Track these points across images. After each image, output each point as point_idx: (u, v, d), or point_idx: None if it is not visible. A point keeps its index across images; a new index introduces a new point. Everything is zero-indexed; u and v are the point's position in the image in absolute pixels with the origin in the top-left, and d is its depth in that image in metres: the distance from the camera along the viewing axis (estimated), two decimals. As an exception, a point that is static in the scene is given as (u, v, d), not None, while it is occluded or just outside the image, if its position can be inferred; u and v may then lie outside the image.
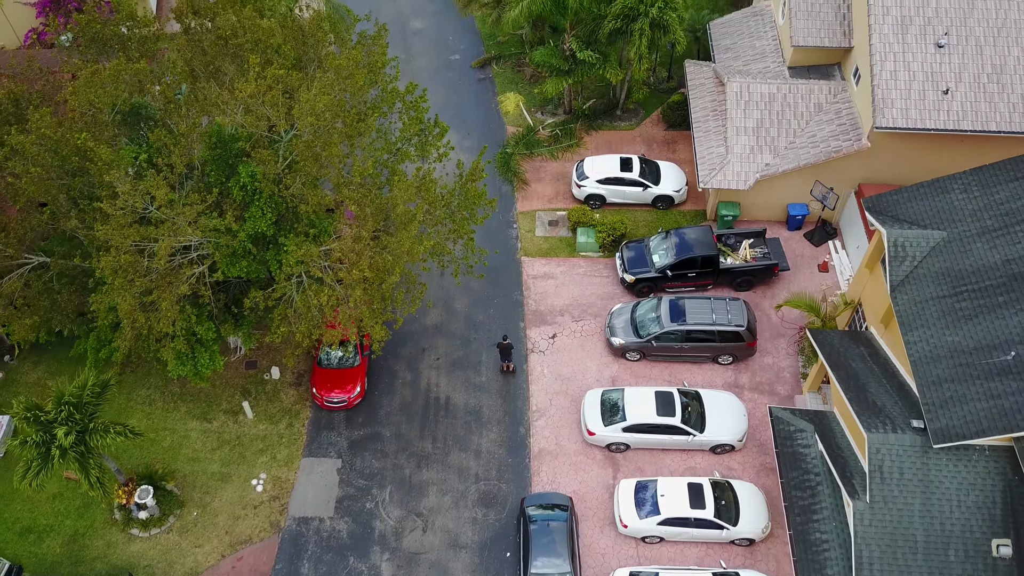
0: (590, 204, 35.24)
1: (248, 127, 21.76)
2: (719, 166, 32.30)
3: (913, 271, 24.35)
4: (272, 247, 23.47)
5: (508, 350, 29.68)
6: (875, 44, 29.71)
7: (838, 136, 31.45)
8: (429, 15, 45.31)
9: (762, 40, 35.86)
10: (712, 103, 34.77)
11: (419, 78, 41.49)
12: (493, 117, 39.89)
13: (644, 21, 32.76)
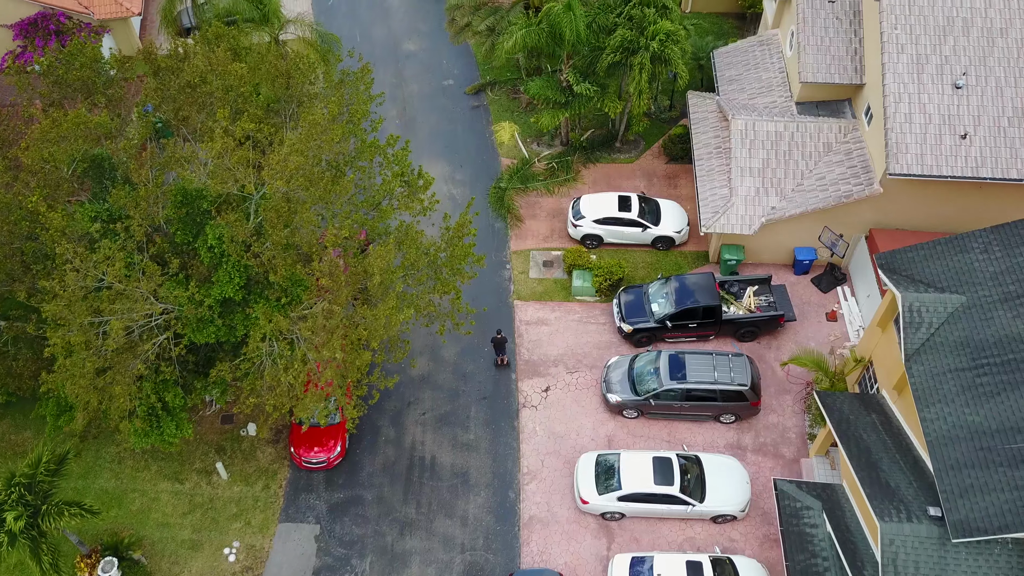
0: (587, 244, 33.61)
1: (214, 188, 20.15)
2: (722, 209, 30.62)
3: (930, 339, 22.69)
4: (241, 311, 21.90)
5: (502, 344, 29.50)
6: (889, 84, 28.01)
7: (848, 179, 29.75)
8: (423, 37, 43.65)
9: (768, 72, 34.15)
10: (715, 139, 33.08)
11: (411, 104, 40.06)
12: (487, 148, 38.24)
13: (644, 55, 31.08)
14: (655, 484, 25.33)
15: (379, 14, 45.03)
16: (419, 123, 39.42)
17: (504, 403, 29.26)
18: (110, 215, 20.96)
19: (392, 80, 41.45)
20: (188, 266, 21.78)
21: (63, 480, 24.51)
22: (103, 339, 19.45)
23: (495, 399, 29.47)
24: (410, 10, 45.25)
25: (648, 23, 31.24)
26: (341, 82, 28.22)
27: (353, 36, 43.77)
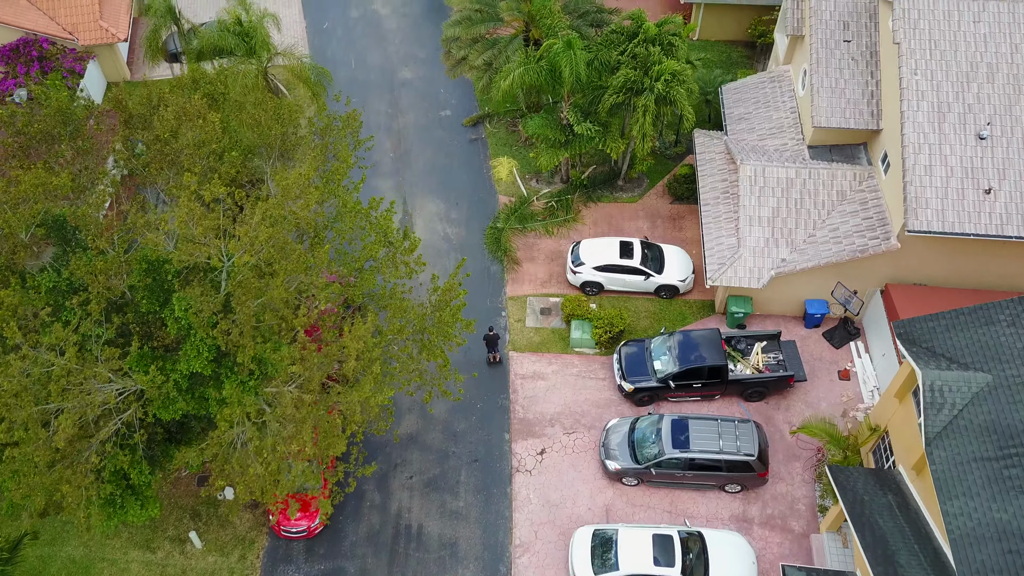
0: (586, 291, 32.01)
1: (177, 260, 18.59)
2: (729, 261, 28.98)
3: (953, 421, 21.01)
4: (212, 385, 20.35)
5: (494, 341, 29.36)
6: (908, 134, 26.35)
7: (863, 232, 28.09)
8: (420, 64, 42.09)
9: (779, 111, 32.50)
10: (723, 183, 31.44)
11: (406, 136, 38.51)
12: (484, 184, 36.66)
13: (649, 97, 29.48)
14: (655, 565, 23.71)
15: (375, 39, 43.53)
16: (414, 156, 37.87)
17: (497, 467, 27.68)
18: (69, 285, 19.45)
19: (387, 110, 39.92)
20: (154, 336, 20.26)
21: (28, 549, 23.08)
22: (53, 432, 17.94)
23: (487, 462, 27.89)
24: (407, 35, 43.74)
25: (653, 62, 29.65)
26: (327, 127, 26.65)
27: (347, 62, 42.29)
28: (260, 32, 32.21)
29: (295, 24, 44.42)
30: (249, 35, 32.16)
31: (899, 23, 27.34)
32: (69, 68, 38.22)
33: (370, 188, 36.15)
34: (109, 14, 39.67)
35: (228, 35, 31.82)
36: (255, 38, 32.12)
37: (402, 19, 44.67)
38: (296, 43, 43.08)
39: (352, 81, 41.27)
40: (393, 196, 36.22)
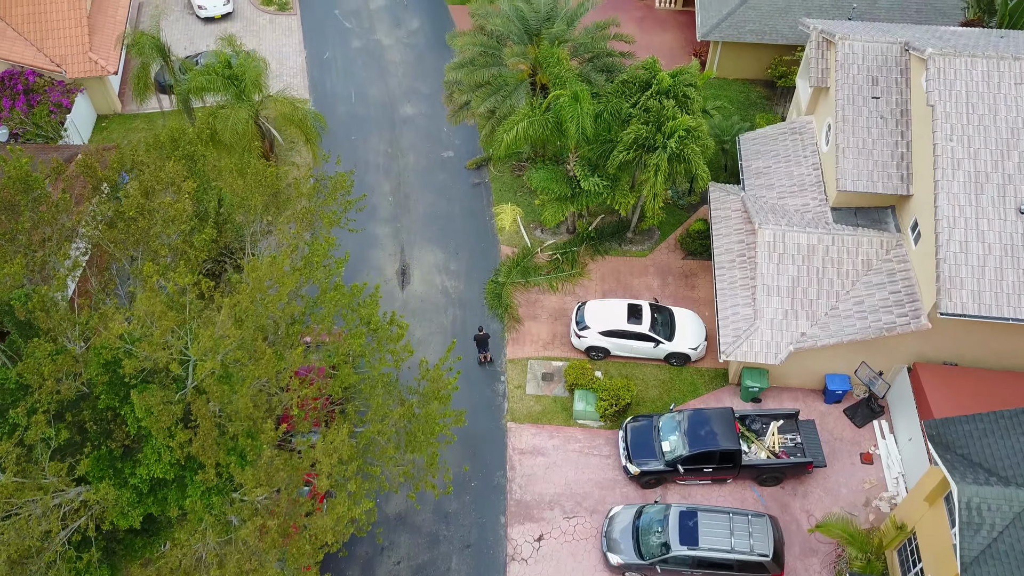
0: (592, 355, 30.07)
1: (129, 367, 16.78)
2: (745, 333, 26.98)
3: (992, 544, 18.98)
4: (176, 489, 18.56)
5: (484, 341, 29.45)
6: (941, 206, 24.29)
7: (891, 307, 26.03)
8: (423, 100, 40.27)
9: (801, 167, 30.47)
10: (739, 245, 29.43)
11: (406, 179, 36.70)
12: (486, 233, 34.78)
13: (661, 156, 27.53)
14: None
15: (377, 71, 41.76)
16: (413, 201, 36.04)
17: (491, 553, 25.79)
18: (18, 383, 17.70)
19: (387, 149, 38.12)
20: (113, 435, 18.48)
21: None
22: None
23: (481, 548, 26.00)
24: (410, 68, 41.95)
25: (666, 117, 27.70)
26: (314, 191, 24.84)
27: (347, 96, 40.53)
28: (250, 74, 30.46)
29: (295, 54, 42.75)
30: (239, 78, 30.41)
31: (933, 84, 25.29)
32: (56, 102, 36.63)
33: (368, 235, 34.43)
34: (99, 46, 38.07)
35: (216, 78, 30.08)
36: (245, 81, 30.37)
37: (405, 50, 42.90)
38: (295, 74, 41.58)
39: (352, 117, 39.54)
40: (391, 243, 34.46)
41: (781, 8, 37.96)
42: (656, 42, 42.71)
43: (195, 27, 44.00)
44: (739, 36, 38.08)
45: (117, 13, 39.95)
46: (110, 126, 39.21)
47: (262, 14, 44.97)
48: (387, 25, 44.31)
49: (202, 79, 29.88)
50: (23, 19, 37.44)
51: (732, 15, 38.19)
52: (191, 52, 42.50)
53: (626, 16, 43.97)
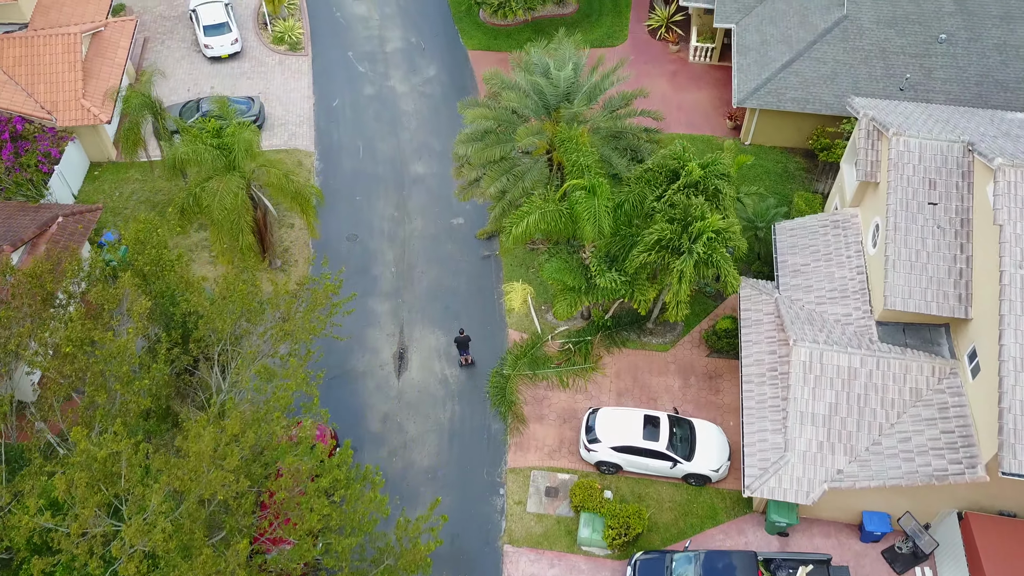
0: (602, 469, 27.23)
1: (36, 566, 14.25)
2: (773, 466, 23.98)
3: None
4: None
5: (466, 343, 29.25)
6: (1007, 344, 21.15)
7: (942, 451, 22.90)
8: (435, 158, 37.59)
9: (843, 269, 27.37)
10: (771, 357, 26.42)
11: (411, 247, 34.05)
12: (494, 314, 32.04)
13: (687, 261, 24.62)
14: None
15: (388, 123, 39.14)
16: (418, 274, 33.38)
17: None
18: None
19: (393, 213, 35.49)
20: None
21: None
22: None
23: None
24: (424, 121, 39.31)
25: (694, 216, 24.80)
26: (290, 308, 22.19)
27: (354, 149, 37.99)
28: (241, 142, 27.93)
29: (303, 100, 40.28)
30: (229, 148, 27.92)
31: (1002, 200, 22.16)
32: (45, 151, 34.45)
33: (366, 311, 31.89)
34: (94, 92, 35.85)
35: (204, 148, 27.62)
36: (234, 151, 27.86)
37: (420, 100, 40.26)
38: (301, 123, 39.13)
39: (358, 174, 36.98)
40: (390, 322, 31.84)
41: (826, 76, 34.82)
42: (689, 100, 39.71)
43: (201, 67, 41.71)
44: (779, 104, 34.99)
45: (116, 56, 37.72)
46: (103, 175, 37.00)
47: (272, 54, 42.58)
48: (403, 71, 41.72)
49: (188, 149, 27.42)
50: (14, 61, 35.35)
51: (772, 80, 35.12)
52: (194, 94, 40.23)
53: (657, 70, 41.09)
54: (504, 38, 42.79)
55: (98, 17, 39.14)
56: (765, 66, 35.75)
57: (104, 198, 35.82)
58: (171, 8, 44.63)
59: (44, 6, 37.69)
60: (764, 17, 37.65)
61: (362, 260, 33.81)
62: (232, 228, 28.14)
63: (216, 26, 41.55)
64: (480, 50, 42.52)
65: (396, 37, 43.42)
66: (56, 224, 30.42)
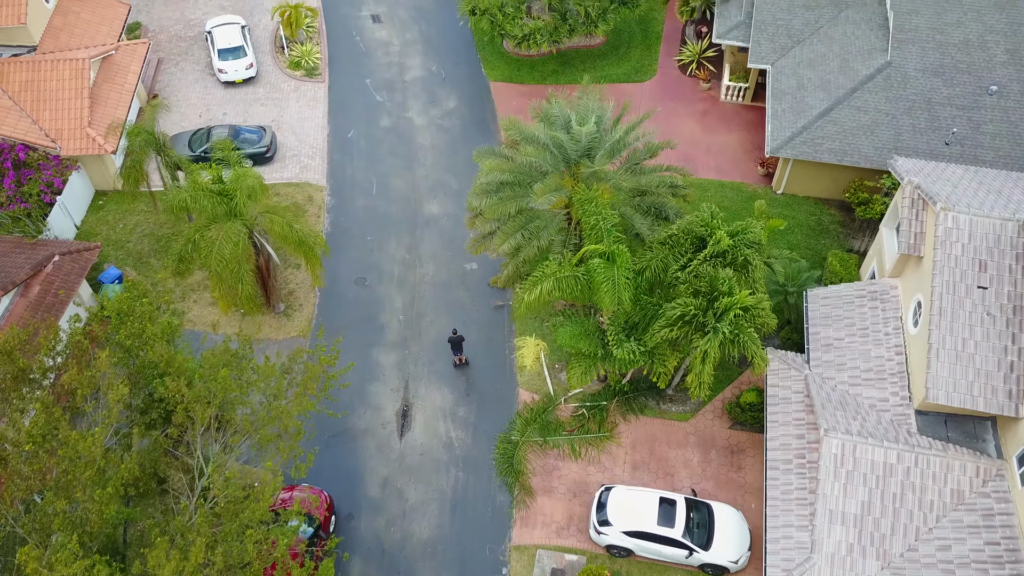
0: (613, 552, 25.48)
1: None
2: (798, 569, 22.08)
3: None
4: None
5: (459, 343, 29.25)
6: (1065, 458, 19.12)
7: (985, 564, 20.91)
8: (450, 197, 36.02)
9: (881, 348, 25.40)
10: (798, 442, 24.52)
11: (421, 293, 32.52)
12: (504, 372, 30.40)
13: (712, 340, 22.80)
14: None
15: (404, 158, 37.61)
16: (426, 323, 31.81)
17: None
18: None
19: (404, 256, 33.95)
20: None
21: None
22: None
23: None
24: (441, 156, 37.73)
25: (721, 292, 22.99)
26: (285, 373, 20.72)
27: (368, 185, 36.50)
28: (243, 188, 26.47)
29: (318, 130, 38.88)
30: (230, 195, 26.49)
31: (1063, 293, 20.13)
32: (48, 181, 33.33)
33: (370, 363, 30.43)
34: (101, 119, 34.67)
35: (203, 195, 26.21)
36: (236, 197, 26.41)
37: (438, 134, 38.70)
38: (314, 155, 37.73)
39: (369, 212, 35.49)
40: (395, 376, 30.33)
41: (867, 126, 32.80)
42: (718, 143, 37.80)
43: (214, 91, 40.44)
44: (815, 155, 33.01)
45: (126, 81, 36.53)
46: (107, 204, 35.81)
47: (288, 79, 41.23)
48: (422, 102, 40.18)
49: (187, 195, 26.00)
50: (20, 86, 34.25)
51: (808, 129, 33.16)
52: (206, 120, 38.96)
53: (686, 109, 39.23)
54: (528, 69, 41.16)
55: (110, 40, 38.01)
56: (801, 113, 33.79)
57: (108, 230, 34.64)
58: (187, 28, 43.44)
59: (55, 28, 36.58)
60: (801, 60, 35.69)
61: (369, 306, 32.31)
62: (231, 277, 26.73)
63: (231, 50, 40.28)
64: (502, 81, 40.91)
65: (416, 65, 41.91)
66: (52, 264, 29.23)
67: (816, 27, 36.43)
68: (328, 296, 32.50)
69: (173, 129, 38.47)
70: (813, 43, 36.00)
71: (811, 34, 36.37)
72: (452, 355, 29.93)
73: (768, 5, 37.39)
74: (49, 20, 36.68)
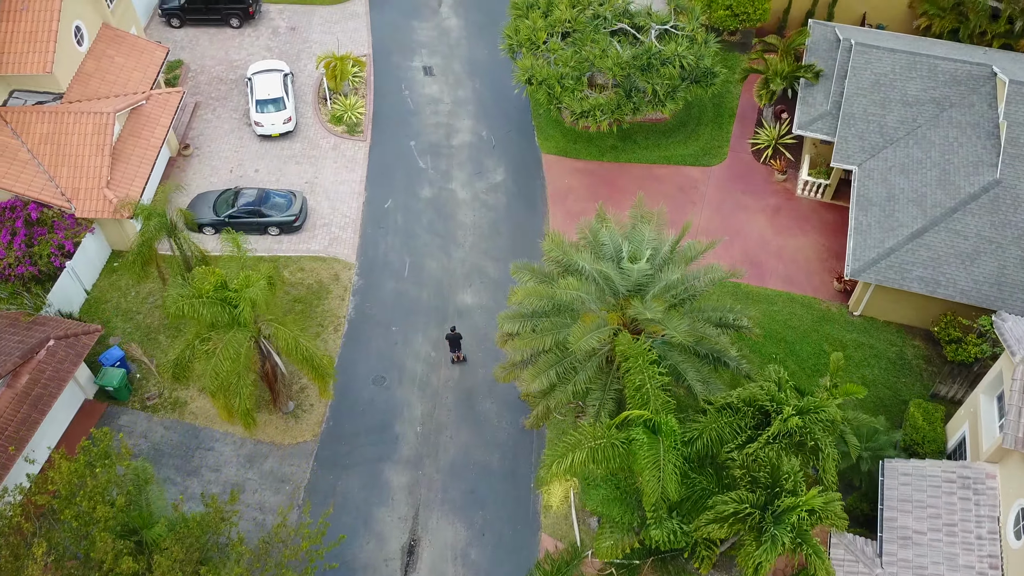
0: None
1: None
2: None
3: None
4: None
5: (457, 340, 29.34)
6: None
7: None
8: (488, 287, 32.84)
9: (971, 555, 21.38)
10: (862, 664, 20.63)
11: (445, 402, 29.85)
12: (526, 510, 27.08)
13: (768, 549, 19.07)
14: None
15: (442, 236, 34.53)
16: (445, 440, 28.69)
17: None
18: None
19: (429, 353, 30.85)
20: None
21: None
22: None
23: None
24: (483, 236, 34.56)
25: (784, 489, 19.27)
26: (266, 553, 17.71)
27: (399, 267, 33.51)
28: (248, 298, 23.59)
29: (353, 196, 36.05)
30: (234, 304, 23.66)
31: None
32: (59, 244, 31.14)
33: (379, 482, 27.56)
34: (121, 179, 32.37)
35: (204, 304, 23.43)
36: (242, 309, 23.54)
37: (481, 211, 35.54)
38: (345, 226, 34.89)
39: (398, 298, 32.48)
40: (403, 502, 27.35)
41: (966, 255, 28.61)
42: (790, 247, 33.84)
43: (249, 144, 37.94)
44: (902, 283, 28.94)
45: (153, 135, 34.17)
46: (122, 267, 33.44)
47: (327, 136, 38.52)
48: (467, 172, 37.08)
49: (184, 304, 23.24)
50: (40, 139, 32.13)
51: (896, 252, 29.12)
52: (237, 176, 36.47)
53: (757, 203, 35.39)
54: (585, 143, 37.78)
55: (143, 87, 35.75)
56: (890, 231, 29.72)
57: (119, 297, 32.32)
58: (229, 69, 41.12)
59: (85, 74, 34.40)
60: (894, 164, 31.57)
61: (385, 412, 29.31)
62: (228, 392, 23.96)
63: (269, 101, 37.73)
64: (556, 154, 37.62)
65: (465, 128, 38.84)
66: (45, 349, 26.88)
67: (913, 126, 32.27)
68: (342, 395, 29.58)
69: (202, 183, 36.15)
70: (908, 145, 31.84)
71: (907, 134, 32.23)
72: (450, 352, 29.90)
73: (859, 97, 33.31)
74: (81, 64, 34.52)
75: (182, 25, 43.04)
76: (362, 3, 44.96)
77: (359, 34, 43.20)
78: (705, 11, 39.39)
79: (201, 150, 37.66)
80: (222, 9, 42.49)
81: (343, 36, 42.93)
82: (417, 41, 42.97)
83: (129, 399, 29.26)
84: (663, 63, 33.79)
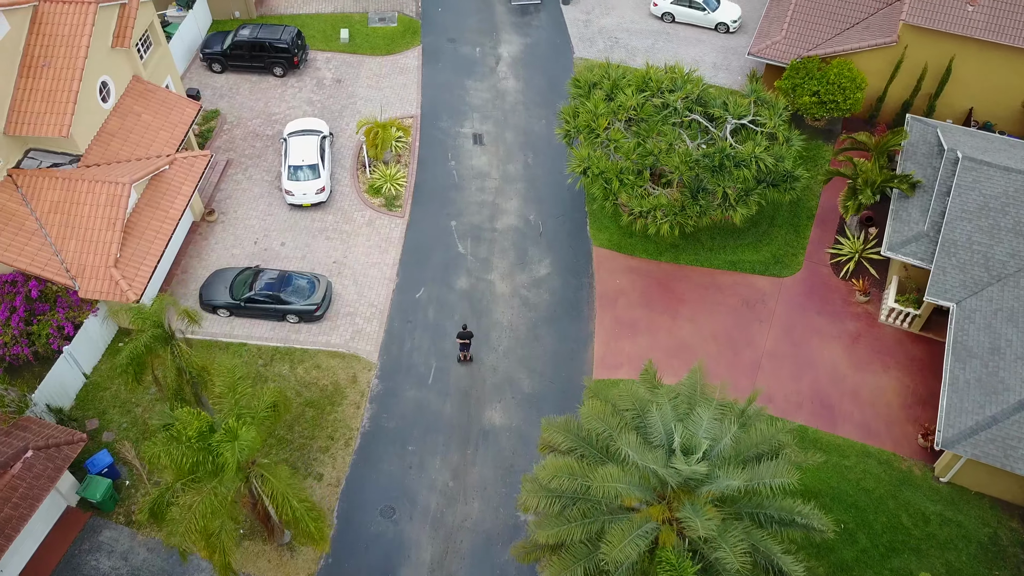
0: None
1: None
2: None
3: None
4: None
5: (468, 338, 29.09)
6: None
7: None
8: (520, 404, 29.36)
9: None
10: None
11: (457, 545, 26.78)
12: None
13: None
14: None
15: (475, 337, 30.89)
16: None
17: None
18: None
19: (447, 484, 27.47)
20: None
21: None
22: None
23: None
24: (520, 341, 31.17)
25: None
26: None
27: (425, 372, 30.18)
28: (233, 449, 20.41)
29: (383, 283, 32.88)
30: (216, 451, 20.57)
31: None
32: (58, 325, 28.68)
33: (373, 645, 24.05)
34: (131, 255, 29.76)
35: (180, 449, 20.38)
36: (224, 457, 20.43)
37: (520, 311, 32.03)
38: (371, 318, 31.73)
39: (419, 409, 29.18)
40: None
41: (1085, 436, 24.02)
42: (868, 385, 29.53)
43: (278, 212, 35.10)
44: (1004, 461, 24.54)
45: (173, 205, 31.55)
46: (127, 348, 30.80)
47: (363, 209, 35.48)
48: (509, 260, 33.63)
49: (161, 450, 20.23)
50: (50, 207, 29.73)
51: (999, 424, 24.70)
52: (261, 249, 33.65)
53: (833, 328, 31.16)
54: (641, 238, 33.98)
55: (169, 147, 33.20)
56: (993, 394, 25.31)
57: (118, 386, 29.63)
58: (267, 123, 38.47)
59: (107, 134, 31.94)
60: (1001, 306, 27.12)
61: (391, 553, 25.99)
62: (207, 545, 20.91)
63: (303, 168, 34.87)
64: (609, 248, 33.95)
65: (512, 209, 35.42)
66: (22, 462, 24.29)
67: (1026, 263, 27.78)
68: (345, 526, 26.40)
69: (222, 254, 33.45)
70: (1020, 285, 27.35)
71: (1017, 270, 27.76)
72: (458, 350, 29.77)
73: (964, 221, 28.93)
74: (104, 123, 32.08)
75: (223, 71, 40.64)
76: (414, 56, 41.99)
77: (408, 91, 40.20)
78: (788, 97, 35.29)
79: (227, 215, 35.01)
80: (266, 57, 39.91)
81: (391, 93, 39.97)
82: (470, 104, 39.75)
83: (115, 510, 26.58)
84: (737, 165, 29.88)
